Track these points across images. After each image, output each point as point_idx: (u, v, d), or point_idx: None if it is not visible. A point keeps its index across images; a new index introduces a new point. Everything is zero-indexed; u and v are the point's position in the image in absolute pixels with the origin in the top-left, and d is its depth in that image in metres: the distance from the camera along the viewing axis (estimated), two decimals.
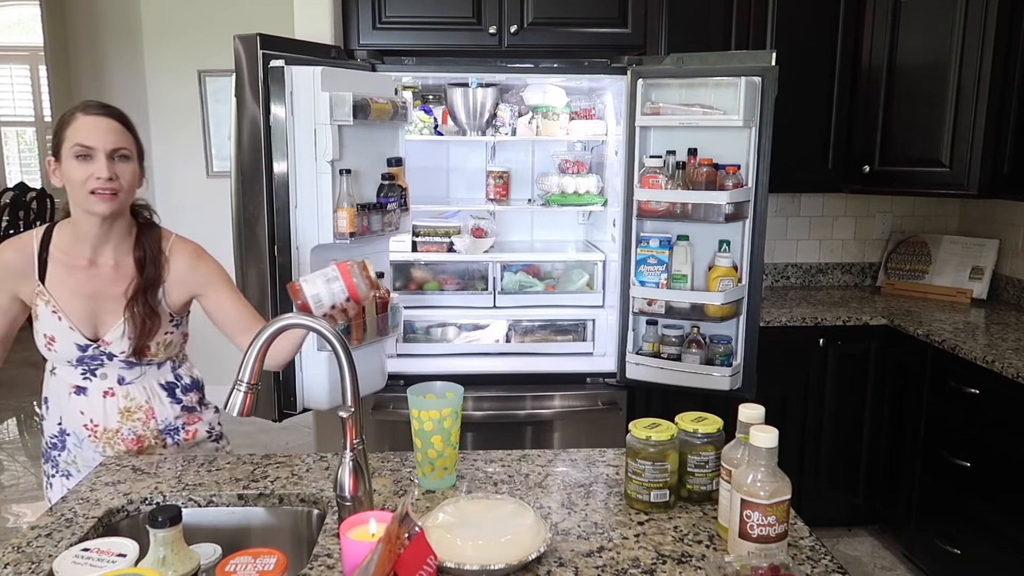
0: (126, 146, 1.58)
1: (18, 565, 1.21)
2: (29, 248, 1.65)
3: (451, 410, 1.44)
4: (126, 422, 1.70)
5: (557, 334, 3.04)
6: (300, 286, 1.59)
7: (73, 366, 1.67)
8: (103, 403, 1.68)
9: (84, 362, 1.66)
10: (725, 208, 2.48)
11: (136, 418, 1.70)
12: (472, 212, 3.09)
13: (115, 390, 1.68)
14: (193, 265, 1.70)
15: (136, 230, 1.68)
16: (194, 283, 1.70)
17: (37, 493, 3.72)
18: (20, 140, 8.37)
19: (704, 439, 1.37)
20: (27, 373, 5.48)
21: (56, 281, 1.63)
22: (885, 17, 3.02)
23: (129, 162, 1.59)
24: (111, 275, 1.65)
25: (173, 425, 1.75)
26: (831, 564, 1.21)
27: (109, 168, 1.55)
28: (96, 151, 1.54)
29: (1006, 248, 3.29)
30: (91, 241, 1.63)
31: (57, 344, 1.64)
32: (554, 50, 2.82)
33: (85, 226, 1.61)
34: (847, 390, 3.06)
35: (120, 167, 1.57)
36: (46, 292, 1.63)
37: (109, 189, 1.55)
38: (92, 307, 1.64)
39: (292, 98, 2.20)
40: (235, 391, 1.33)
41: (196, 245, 1.75)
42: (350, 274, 1.59)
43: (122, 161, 1.57)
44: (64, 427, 1.72)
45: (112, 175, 1.55)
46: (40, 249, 1.64)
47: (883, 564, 3.04)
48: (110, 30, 4.61)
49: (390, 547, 0.99)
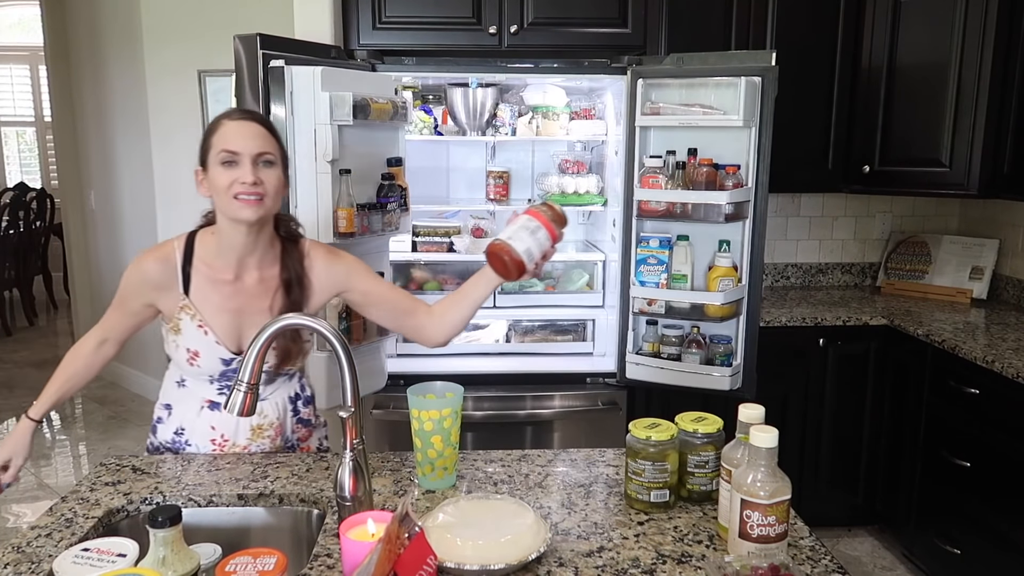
0: (270, 151, 1.55)
1: (18, 565, 1.21)
2: (172, 260, 1.61)
3: (451, 410, 1.44)
4: (256, 439, 1.68)
5: (557, 334, 3.04)
6: (509, 245, 1.51)
7: (210, 382, 1.65)
8: (236, 420, 1.64)
9: (226, 376, 1.63)
10: (725, 208, 2.48)
11: (266, 435, 1.68)
12: (472, 212, 3.09)
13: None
14: (329, 264, 1.68)
15: (280, 245, 1.65)
16: (334, 282, 1.68)
17: (37, 493, 3.72)
18: (20, 140, 8.37)
19: (704, 439, 1.37)
20: (27, 373, 5.49)
21: (201, 295, 1.60)
22: (885, 17, 3.02)
23: (273, 167, 1.55)
24: (255, 289, 1.62)
25: (291, 441, 1.73)
26: (831, 564, 1.21)
27: (253, 173, 1.51)
28: (241, 156, 1.51)
29: (1006, 248, 3.29)
30: (236, 252, 1.59)
31: (201, 359, 1.61)
32: (554, 50, 2.82)
33: (230, 236, 1.58)
34: (847, 390, 3.06)
35: (264, 172, 1.53)
36: (192, 306, 1.60)
37: (254, 194, 1.51)
38: (237, 321, 1.61)
39: (292, 98, 2.20)
40: (235, 391, 1.33)
41: (328, 245, 1.73)
42: (546, 217, 1.54)
43: (267, 166, 1.54)
44: (187, 438, 1.68)
45: (256, 179, 1.51)
46: (183, 261, 1.61)
47: (883, 564, 3.04)
48: (110, 30, 4.61)
49: (390, 547, 0.99)
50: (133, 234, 4.74)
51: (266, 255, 1.63)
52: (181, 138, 4.43)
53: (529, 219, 1.54)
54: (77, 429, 4.50)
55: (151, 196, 4.46)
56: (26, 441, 1.70)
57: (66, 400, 1.76)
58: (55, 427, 4.57)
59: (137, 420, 4.54)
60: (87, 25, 4.83)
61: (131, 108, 4.51)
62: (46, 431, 4.50)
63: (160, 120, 4.39)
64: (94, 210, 5.10)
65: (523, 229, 1.53)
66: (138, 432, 4.39)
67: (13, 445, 1.69)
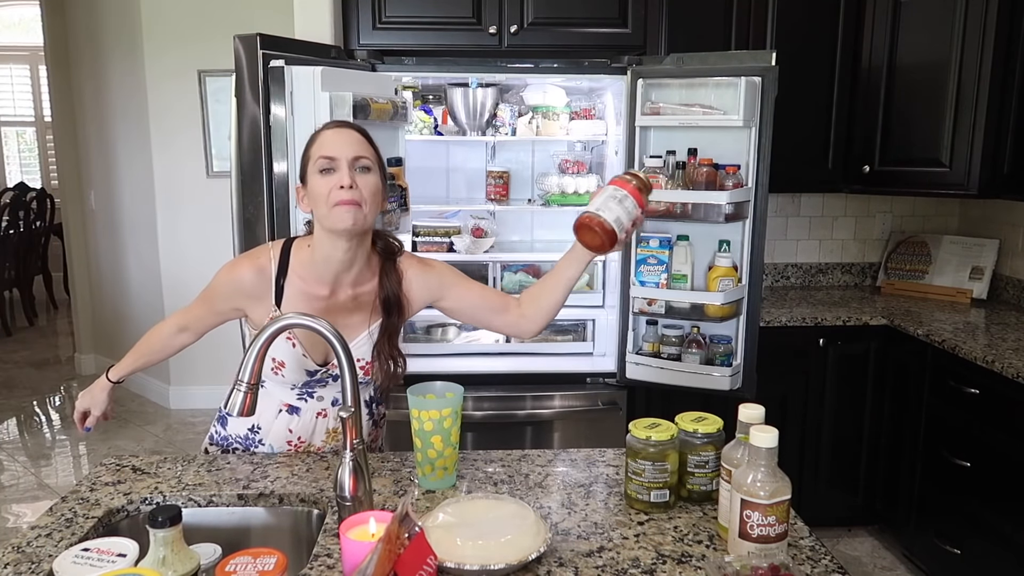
0: (367, 155, 1.52)
1: (18, 565, 1.21)
2: (267, 270, 1.59)
3: (451, 410, 1.44)
4: (330, 442, 1.69)
5: (557, 334, 3.04)
6: (600, 216, 1.49)
7: (291, 388, 1.65)
8: (314, 423, 1.66)
9: (308, 385, 1.63)
10: (725, 208, 2.48)
11: (339, 438, 1.69)
12: (472, 212, 3.09)
13: (327, 411, 1.67)
14: (423, 276, 1.66)
15: (378, 262, 1.63)
16: (428, 294, 1.67)
17: (37, 493, 3.72)
18: (20, 140, 8.37)
19: (704, 439, 1.37)
20: (27, 373, 5.49)
21: (292, 307, 1.58)
22: (885, 17, 3.02)
23: (370, 173, 1.52)
24: (349, 305, 1.61)
25: (365, 442, 1.72)
26: (831, 564, 1.21)
27: (350, 176, 1.49)
28: (339, 161, 1.49)
29: (1006, 248, 3.29)
30: (333, 268, 1.57)
31: (286, 369, 1.61)
32: (554, 50, 2.82)
33: (328, 251, 1.55)
34: (847, 390, 3.06)
35: (361, 177, 1.50)
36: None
37: (351, 200, 1.48)
38: None
39: (292, 98, 2.20)
40: (235, 391, 1.33)
41: (419, 257, 1.71)
42: (632, 186, 1.52)
43: (363, 172, 1.51)
44: (261, 436, 1.68)
45: (353, 182, 1.49)
46: (278, 273, 1.59)
47: (883, 564, 3.04)
48: (110, 30, 4.61)
49: (390, 547, 0.99)
50: (133, 234, 4.74)
51: (363, 272, 1.61)
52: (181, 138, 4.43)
53: (616, 189, 1.52)
54: (77, 429, 4.50)
55: (151, 196, 4.46)
56: (103, 397, 1.77)
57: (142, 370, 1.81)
58: (55, 427, 4.57)
59: (137, 420, 4.54)
60: (87, 25, 4.83)
61: (131, 108, 4.52)
62: (46, 431, 4.51)
63: (160, 120, 4.39)
64: (94, 210, 5.10)
65: (611, 199, 1.51)
66: (138, 432, 4.39)
67: (92, 398, 1.78)
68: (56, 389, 5.16)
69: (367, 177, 1.52)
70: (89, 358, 5.41)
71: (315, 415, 1.68)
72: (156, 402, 4.75)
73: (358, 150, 1.52)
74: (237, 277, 1.59)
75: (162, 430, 4.40)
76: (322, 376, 1.63)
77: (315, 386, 1.65)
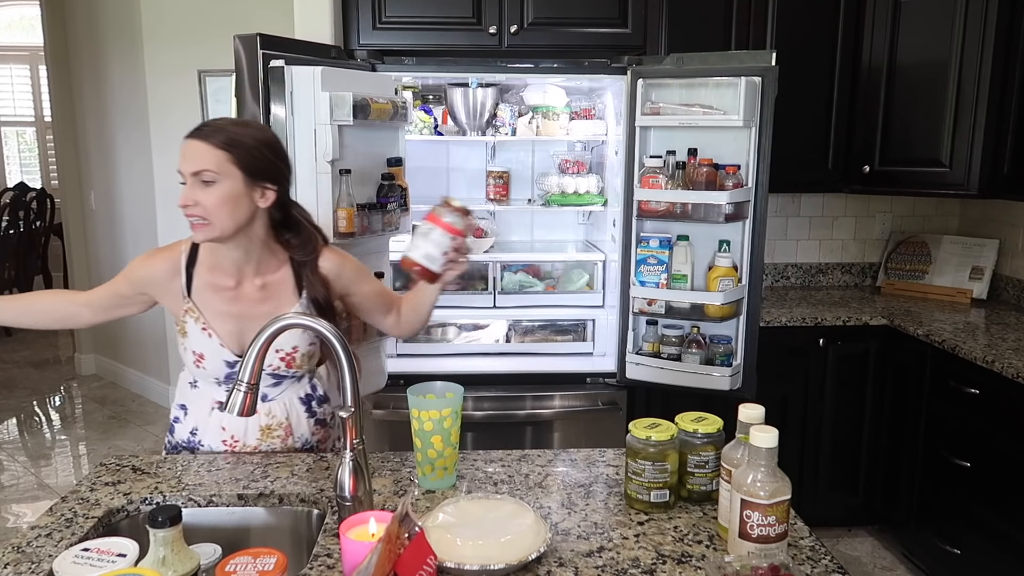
0: (209, 168, 1.47)
1: (18, 565, 1.21)
2: (178, 263, 1.61)
3: (451, 410, 1.44)
4: (265, 439, 1.68)
5: (557, 334, 3.04)
6: (408, 256, 1.58)
7: (218, 383, 1.66)
8: (245, 421, 1.65)
9: (231, 378, 1.62)
10: (725, 208, 2.48)
11: (275, 435, 1.68)
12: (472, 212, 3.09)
13: (257, 407, 1.66)
14: (340, 267, 1.68)
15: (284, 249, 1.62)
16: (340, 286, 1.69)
17: (37, 493, 3.72)
18: (20, 140, 8.37)
19: (704, 439, 1.37)
20: (27, 373, 5.49)
21: (203, 299, 1.61)
22: (885, 17, 3.02)
23: (212, 186, 1.47)
24: (257, 295, 1.62)
25: (310, 442, 1.73)
26: (831, 564, 1.21)
27: (188, 194, 1.47)
28: (185, 177, 1.49)
29: (1006, 248, 3.29)
30: (229, 259, 1.59)
31: (206, 361, 1.62)
32: (554, 50, 2.82)
33: (218, 249, 1.58)
34: (847, 390, 3.06)
35: (201, 192, 1.47)
36: (196, 309, 1.61)
37: (195, 216, 1.47)
38: (240, 325, 1.61)
39: (292, 98, 2.20)
40: (235, 391, 1.33)
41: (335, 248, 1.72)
42: (440, 216, 1.57)
43: (204, 186, 1.47)
44: (200, 438, 1.69)
45: (188, 202, 1.47)
46: (188, 264, 1.61)
47: (883, 564, 3.04)
48: (110, 30, 4.61)
49: (390, 547, 0.99)
50: (133, 234, 4.74)
51: (266, 262, 1.62)
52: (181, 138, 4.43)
53: (424, 223, 1.59)
54: (77, 429, 4.50)
55: (151, 196, 4.45)
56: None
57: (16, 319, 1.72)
58: (55, 427, 4.57)
59: (137, 420, 4.54)
60: (87, 25, 4.83)
61: (131, 108, 4.51)
62: (46, 431, 4.51)
63: (160, 120, 4.39)
64: (94, 210, 5.10)
65: (419, 236, 1.59)
66: (138, 432, 4.39)
67: None
68: (56, 389, 5.15)
69: (209, 191, 1.47)
70: (89, 358, 5.41)
71: None
72: (156, 402, 4.75)
73: (199, 163, 1.48)
74: (150, 266, 1.63)
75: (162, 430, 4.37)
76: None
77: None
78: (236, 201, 1.50)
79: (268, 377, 1.63)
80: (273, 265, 1.63)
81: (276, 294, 1.63)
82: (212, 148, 1.49)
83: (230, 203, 1.49)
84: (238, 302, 1.61)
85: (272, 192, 1.55)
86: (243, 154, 1.50)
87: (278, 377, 1.66)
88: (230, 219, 1.50)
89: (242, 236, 1.56)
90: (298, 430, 1.71)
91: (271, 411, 1.67)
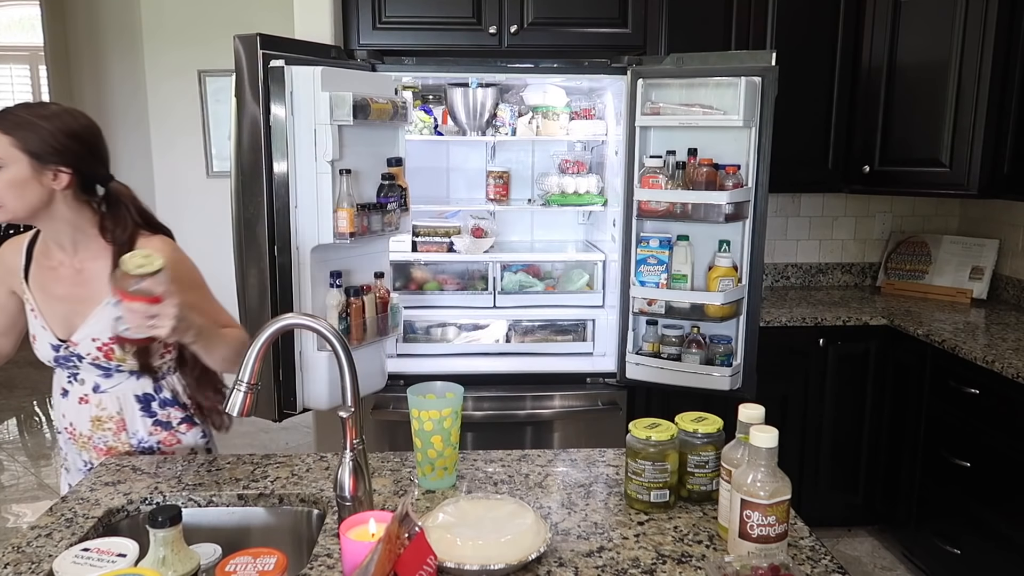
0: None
1: (18, 565, 1.21)
2: (20, 247, 1.66)
3: (451, 410, 1.44)
4: (97, 431, 1.68)
5: (557, 334, 3.04)
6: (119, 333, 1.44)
7: (58, 368, 1.67)
8: (78, 409, 1.67)
9: (60, 363, 1.65)
10: (725, 208, 2.48)
11: (106, 428, 1.67)
12: (472, 212, 3.09)
13: (89, 397, 1.66)
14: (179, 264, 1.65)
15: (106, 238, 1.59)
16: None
17: (37, 493, 3.72)
18: None
19: (704, 439, 1.37)
20: (27, 373, 5.49)
21: (36, 281, 1.64)
22: (885, 17, 3.02)
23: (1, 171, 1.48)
24: (74, 280, 1.62)
25: (147, 442, 1.69)
26: (831, 564, 1.21)
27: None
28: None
29: (1006, 248, 3.29)
30: (53, 244, 1.62)
31: (37, 343, 1.65)
32: (554, 50, 2.82)
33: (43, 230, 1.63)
34: (847, 390, 3.06)
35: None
36: (28, 291, 1.64)
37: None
38: (64, 308, 1.62)
39: (292, 98, 2.20)
40: (235, 391, 1.33)
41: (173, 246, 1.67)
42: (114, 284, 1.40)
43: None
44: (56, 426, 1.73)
45: None
46: (29, 245, 1.66)
47: (883, 564, 3.04)
48: (110, 30, 4.62)
49: (390, 547, 0.99)
50: None
51: (84, 245, 1.61)
52: (181, 138, 4.44)
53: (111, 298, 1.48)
54: None
55: (151, 196, 4.45)
56: None
57: None
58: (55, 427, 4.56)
59: None
60: (87, 25, 4.83)
61: (131, 108, 4.52)
62: (46, 431, 4.50)
63: (160, 120, 4.40)
64: None
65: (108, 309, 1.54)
66: None
67: None
68: None
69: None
70: None
71: (78, 400, 1.66)
72: None
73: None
74: (2, 255, 1.67)
75: None
76: (66, 353, 1.62)
77: (69, 365, 1.64)
78: (24, 184, 1.50)
79: (94, 368, 1.63)
80: (93, 250, 1.62)
81: (92, 280, 1.60)
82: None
83: (17, 186, 1.50)
84: (60, 284, 1.63)
85: (66, 175, 1.54)
86: (29, 137, 1.50)
87: (103, 369, 1.63)
88: (20, 202, 1.52)
89: (45, 218, 1.57)
90: (132, 426, 1.67)
91: (102, 402, 1.66)
